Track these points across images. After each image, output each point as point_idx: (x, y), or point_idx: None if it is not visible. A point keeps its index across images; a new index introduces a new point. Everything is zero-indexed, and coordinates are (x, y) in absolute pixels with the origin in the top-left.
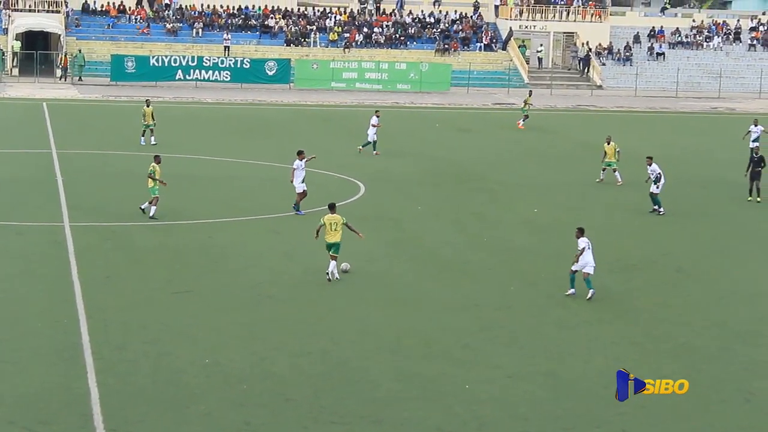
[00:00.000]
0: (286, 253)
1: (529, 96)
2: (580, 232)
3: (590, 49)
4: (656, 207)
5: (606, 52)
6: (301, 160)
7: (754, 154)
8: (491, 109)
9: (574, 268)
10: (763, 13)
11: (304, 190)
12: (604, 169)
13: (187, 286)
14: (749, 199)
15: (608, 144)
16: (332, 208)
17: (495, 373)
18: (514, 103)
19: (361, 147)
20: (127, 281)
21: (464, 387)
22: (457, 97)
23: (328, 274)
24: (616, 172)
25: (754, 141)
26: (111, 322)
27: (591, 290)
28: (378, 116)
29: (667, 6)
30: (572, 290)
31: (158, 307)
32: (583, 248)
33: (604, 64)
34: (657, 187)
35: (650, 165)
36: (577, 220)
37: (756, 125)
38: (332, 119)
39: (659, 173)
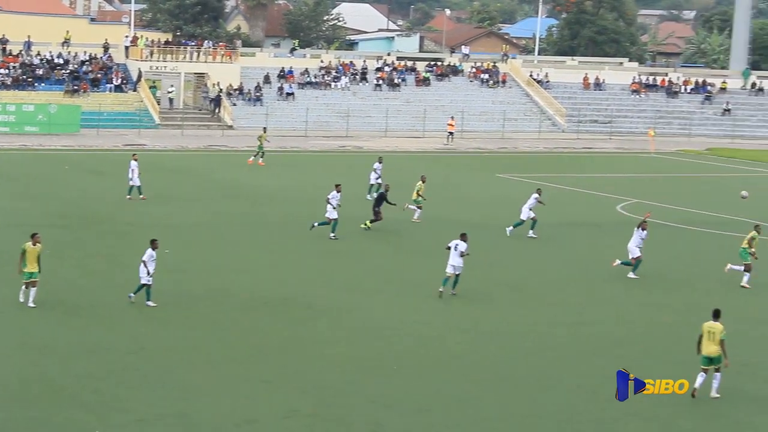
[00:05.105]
0: None
1: (264, 132)
2: (153, 244)
3: (221, 90)
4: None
5: (237, 92)
6: None
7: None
8: (122, 151)
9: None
10: (388, 54)
11: None
12: None
13: None
14: (362, 225)
15: None
16: (34, 236)
17: (125, 417)
18: (146, 144)
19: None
20: None
21: None
22: (88, 138)
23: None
24: None
25: (377, 178)
26: None
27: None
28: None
29: (296, 47)
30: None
31: None
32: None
33: (235, 105)
34: None
35: None
36: (223, 260)
37: (380, 162)
38: None
39: None
